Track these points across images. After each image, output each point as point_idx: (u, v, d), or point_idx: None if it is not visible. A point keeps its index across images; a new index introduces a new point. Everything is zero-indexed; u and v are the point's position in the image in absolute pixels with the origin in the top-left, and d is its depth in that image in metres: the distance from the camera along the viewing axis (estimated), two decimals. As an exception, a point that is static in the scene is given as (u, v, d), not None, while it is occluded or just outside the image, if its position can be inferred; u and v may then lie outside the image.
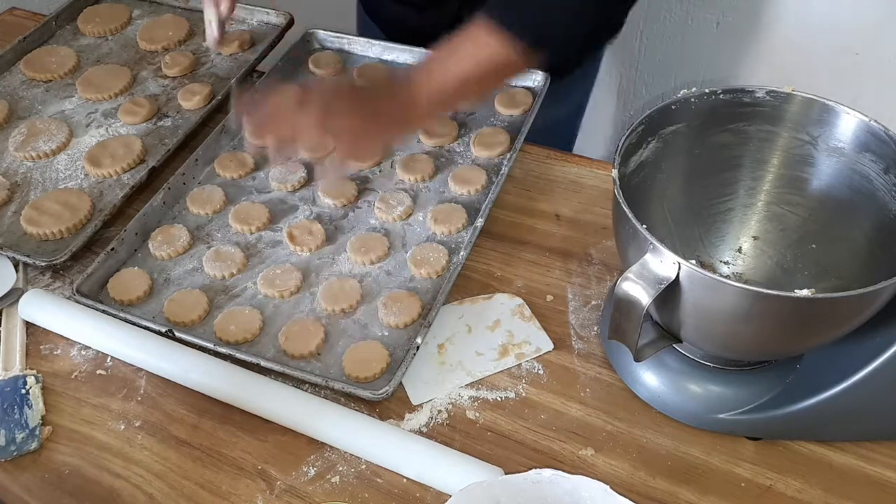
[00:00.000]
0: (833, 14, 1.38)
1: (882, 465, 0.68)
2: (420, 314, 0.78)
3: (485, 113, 0.99)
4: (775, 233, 0.75)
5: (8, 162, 0.95)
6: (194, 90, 1.01)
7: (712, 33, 1.50)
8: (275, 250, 0.85)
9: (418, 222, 0.87)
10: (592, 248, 0.85)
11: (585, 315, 0.79)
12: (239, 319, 0.77)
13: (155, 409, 0.73)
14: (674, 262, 0.58)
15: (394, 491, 0.67)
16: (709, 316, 0.61)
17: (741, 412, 0.68)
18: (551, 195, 0.91)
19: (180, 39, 1.11)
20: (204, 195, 0.90)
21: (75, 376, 0.76)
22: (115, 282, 0.81)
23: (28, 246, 0.85)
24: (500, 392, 0.74)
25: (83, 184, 0.92)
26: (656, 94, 1.66)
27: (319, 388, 0.73)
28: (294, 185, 0.91)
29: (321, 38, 1.10)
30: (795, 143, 0.71)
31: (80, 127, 0.99)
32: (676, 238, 0.74)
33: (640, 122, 0.67)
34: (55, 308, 0.78)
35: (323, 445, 0.70)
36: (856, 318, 0.59)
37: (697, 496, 0.66)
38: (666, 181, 0.72)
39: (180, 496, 0.67)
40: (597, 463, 0.69)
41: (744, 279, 0.75)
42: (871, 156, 0.66)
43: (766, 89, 0.69)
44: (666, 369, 0.71)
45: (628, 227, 0.60)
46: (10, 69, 1.07)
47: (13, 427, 0.71)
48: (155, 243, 0.85)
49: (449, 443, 0.70)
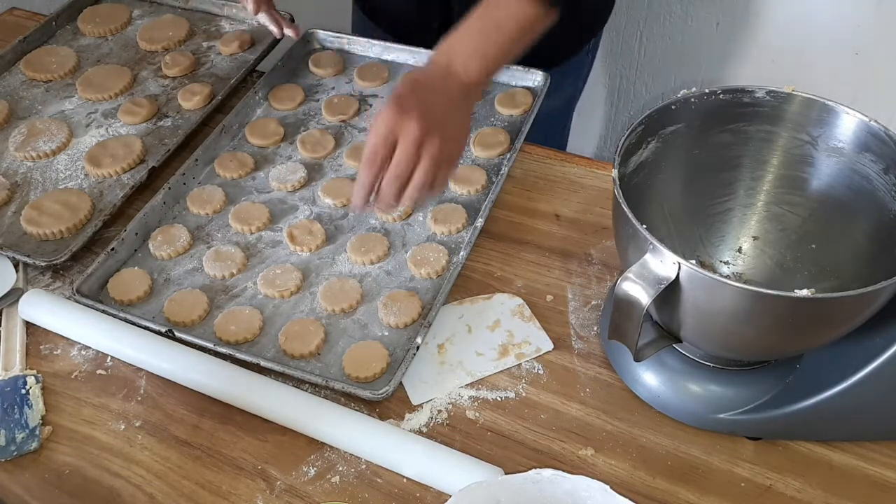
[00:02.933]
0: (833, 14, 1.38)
1: (882, 465, 0.68)
2: (420, 314, 0.78)
3: (485, 113, 0.99)
4: (775, 233, 0.75)
5: (8, 162, 0.95)
6: (194, 90, 1.01)
7: (712, 33, 1.50)
8: (275, 250, 0.85)
9: (418, 222, 0.87)
10: (592, 248, 0.85)
11: (585, 315, 0.79)
12: (239, 319, 0.77)
13: (155, 409, 0.73)
14: (674, 262, 0.58)
15: (394, 491, 0.67)
16: (709, 316, 0.61)
17: (741, 412, 0.68)
18: (551, 195, 0.91)
19: (180, 39, 1.11)
20: (204, 195, 0.90)
21: (75, 376, 0.76)
22: (115, 282, 0.81)
23: (28, 246, 0.85)
24: (500, 392, 0.74)
25: (83, 184, 0.92)
26: (656, 94, 1.66)
27: (319, 388, 0.73)
28: (294, 185, 0.91)
29: (321, 38, 1.10)
30: (795, 143, 0.71)
31: (80, 127, 0.99)
32: (676, 238, 0.74)
33: (640, 122, 0.67)
34: (55, 308, 0.78)
35: (323, 445, 0.70)
36: (856, 318, 0.59)
37: (697, 496, 0.66)
38: (666, 181, 0.72)
39: (180, 496, 0.67)
40: (597, 463, 0.69)
41: (744, 279, 0.75)
42: (870, 156, 0.66)
43: (766, 89, 0.69)
44: (666, 369, 0.71)
45: (628, 227, 0.60)
46: (10, 69, 1.07)
47: (13, 427, 0.71)
48: (155, 243, 0.85)
49: (449, 443, 0.70)
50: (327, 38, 1.10)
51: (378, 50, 1.08)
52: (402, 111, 0.71)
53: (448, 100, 0.76)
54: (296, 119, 1.00)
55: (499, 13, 0.79)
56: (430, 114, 0.72)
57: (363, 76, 1.04)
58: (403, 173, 0.72)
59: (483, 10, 0.79)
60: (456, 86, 0.77)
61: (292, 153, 0.96)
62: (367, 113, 1.00)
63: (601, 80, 1.65)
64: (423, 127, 0.71)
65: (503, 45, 0.78)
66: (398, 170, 0.72)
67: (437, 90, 0.76)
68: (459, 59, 0.77)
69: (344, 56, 1.08)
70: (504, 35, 0.78)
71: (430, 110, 0.73)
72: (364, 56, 1.08)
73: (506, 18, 0.78)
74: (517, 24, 0.78)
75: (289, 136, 0.98)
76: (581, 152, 0.99)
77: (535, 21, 0.79)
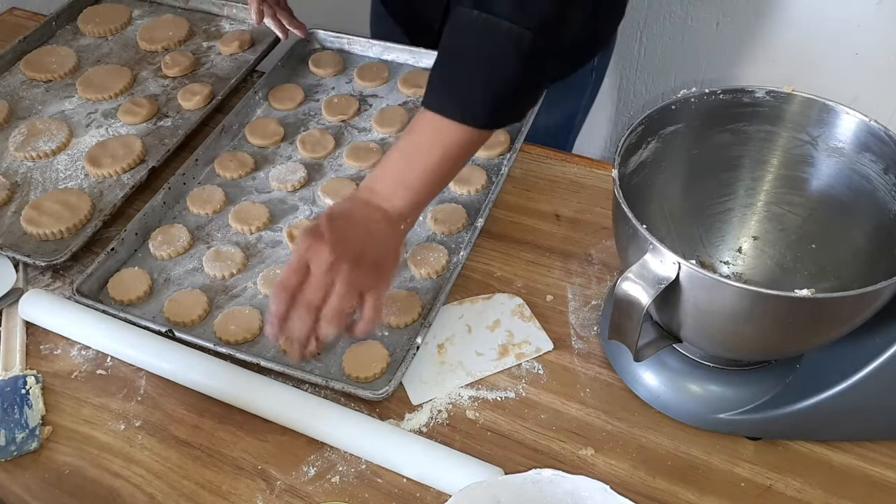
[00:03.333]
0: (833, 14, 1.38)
1: (882, 465, 0.68)
2: (420, 314, 0.78)
3: (485, 113, 0.98)
4: (775, 233, 0.75)
5: (8, 162, 0.95)
6: (194, 90, 1.01)
7: (712, 33, 1.50)
8: (275, 250, 0.85)
9: (418, 222, 0.87)
10: (592, 248, 0.85)
11: (585, 315, 0.79)
12: (239, 319, 0.77)
13: (155, 409, 0.73)
14: (674, 262, 0.58)
15: (394, 491, 0.67)
16: (709, 316, 0.61)
17: (741, 412, 0.68)
18: (551, 195, 0.91)
19: (180, 39, 1.11)
20: (204, 195, 0.90)
21: (75, 376, 0.76)
22: (115, 282, 0.81)
23: (28, 246, 0.85)
24: (500, 392, 0.74)
25: (83, 184, 0.92)
26: (656, 94, 1.66)
27: (319, 388, 0.73)
28: (294, 185, 0.91)
29: (321, 38, 1.10)
30: (795, 143, 0.71)
31: (80, 127, 0.99)
32: (676, 238, 0.74)
33: (640, 122, 0.67)
34: (55, 308, 0.78)
35: (323, 445, 0.70)
36: (855, 318, 0.59)
37: (697, 496, 0.66)
38: (666, 181, 0.72)
39: (180, 496, 0.67)
40: (597, 463, 0.69)
41: (744, 279, 0.75)
42: (870, 156, 0.66)
43: (766, 89, 0.69)
44: (666, 369, 0.71)
45: (628, 227, 0.60)
46: (10, 69, 1.07)
47: (13, 427, 0.71)
48: (155, 243, 0.85)
49: (449, 443, 0.70)
50: (327, 38, 1.10)
51: (378, 50, 1.08)
52: (315, 239, 0.68)
53: (367, 228, 0.71)
54: (296, 119, 1.00)
55: (423, 139, 0.73)
56: (345, 241, 0.69)
57: (363, 76, 1.04)
58: (313, 299, 0.67)
59: (407, 137, 0.74)
60: (378, 215, 0.72)
61: (292, 153, 0.96)
62: (366, 113, 1.00)
63: (605, 82, 1.65)
64: (336, 252, 0.67)
65: (430, 174, 0.72)
66: (307, 296, 0.67)
67: (356, 219, 0.71)
68: (383, 189, 0.72)
69: (344, 56, 1.08)
70: (429, 163, 0.72)
71: (345, 238, 0.69)
72: (364, 56, 1.08)
73: (430, 146, 0.72)
74: (443, 151, 0.72)
75: (289, 136, 0.98)
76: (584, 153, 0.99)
77: (465, 146, 0.73)
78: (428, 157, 0.72)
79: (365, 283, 0.69)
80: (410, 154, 0.73)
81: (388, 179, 0.73)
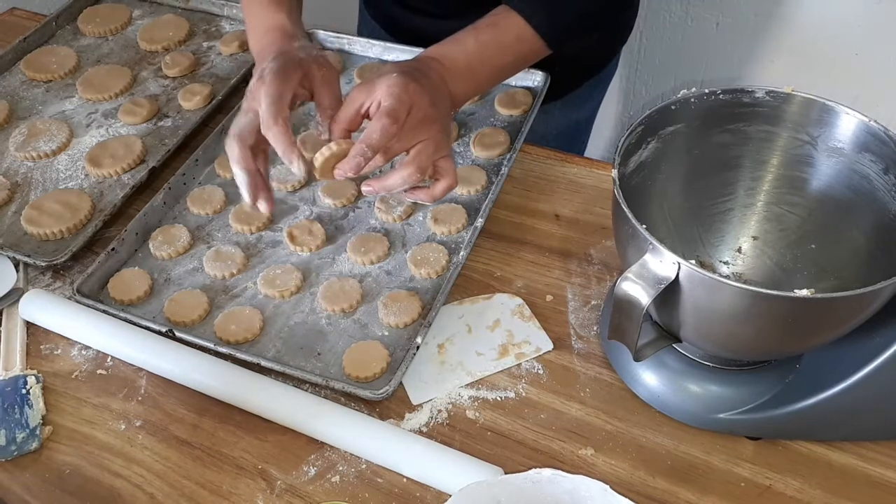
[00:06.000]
0: (833, 14, 1.38)
1: (882, 465, 0.68)
2: (420, 314, 0.78)
3: (484, 113, 0.99)
4: (775, 233, 0.75)
5: (8, 162, 0.95)
6: (194, 90, 1.01)
7: (712, 33, 1.50)
8: (275, 250, 0.85)
9: (418, 222, 0.87)
10: (592, 248, 0.85)
11: (585, 315, 0.79)
12: (239, 319, 0.77)
13: (155, 409, 0.73)
14: (673, 262, 0.58)
15: (394, 491, 0.67)
16: (708, 316, 0.61)
17: (741, 412, 0.68)
18: (551, 195, 0.91)
19: (180, 40, 1.11)
20: (204, 195, 0.90)
21: (76, 376, 0.76)
22: (116, 282, 0.81)
23: (28, 246, 0.85)
24: (499, 392, 0.74)
25: (83, 184, 0.92)
26: (656, 94, 1.66)
27: (319, 388, 0.73)
28: (294, 185, 0.91)
29: (321, 38, 1.10)
30: (795, 144, 0.71)
31: (81, 127, 0.99)
32: (676, 238, 0.74)
33: (640, 122, 0.67)
34: (55, 308, 0.78)
35: (323, 445, 0.70)
36: (855, 318, 0.59)
37: (697, 496, 0.66)
38: (666, 181, 0.72)
39: (181, 496, 0.67)
40: (596, 462, 0.69)
41: (743, 279, 0.75)
42: (870, 156, 0.66)
43: (765, 89, 0.69)
44: (666, 369, 0.71)
45: (628, 227, 0.60)
46: (11, 69, 1.07)
47: (14, 427, 0.71)
48: (155, 243, 0.85)
49: (449, 442, 0.70)
50: (327, 38, 1.10)
51: (378, 50, 1.08)
52: (419, 85, 0.70)
53: (443, 105, 0.75)
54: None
55: (503, 39, 0.75)
56: (435, 103, 0.72)
57: (363, 76, 1.04)
58: (411, 140, 0.70)
59: (489, 30, 0.75)
60: (448, 97, 0.75)
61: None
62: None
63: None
64: (433, 106, 0.70)
65: (496, 75, 0.75)
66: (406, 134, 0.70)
67: (436, 90, 0.75)
68: (451, 67, 0.74)
69: (344, 56, 1.08)
70: (501, 64, 0.75)
71: (435, 101, 0.72)
72: (364, 56, 1.08)
73: (507, 48, 0.75)
74: (515, 57, 0.75)
75: (289, 136, 0.98)
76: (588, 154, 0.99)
77: (531, 56, 0.76)
78: (501, 59, 0.75)
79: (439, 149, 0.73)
80: (488, 46, 0.75)
81: (459, 63, 0.76)
